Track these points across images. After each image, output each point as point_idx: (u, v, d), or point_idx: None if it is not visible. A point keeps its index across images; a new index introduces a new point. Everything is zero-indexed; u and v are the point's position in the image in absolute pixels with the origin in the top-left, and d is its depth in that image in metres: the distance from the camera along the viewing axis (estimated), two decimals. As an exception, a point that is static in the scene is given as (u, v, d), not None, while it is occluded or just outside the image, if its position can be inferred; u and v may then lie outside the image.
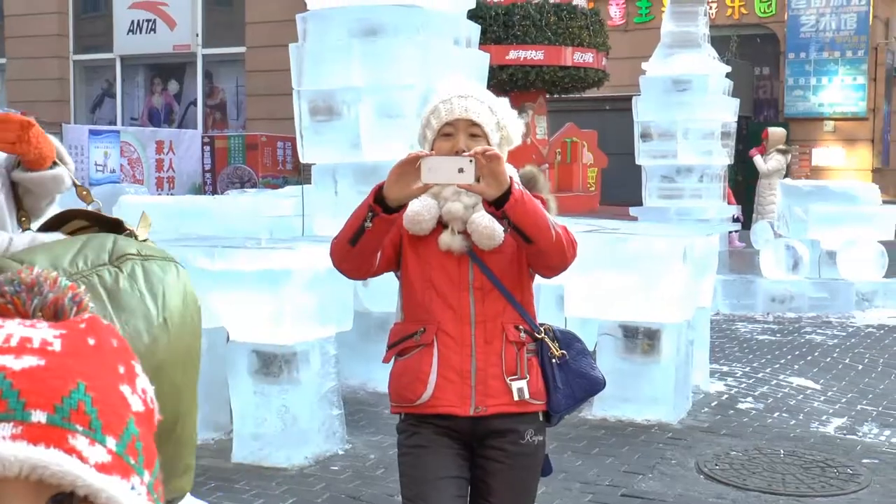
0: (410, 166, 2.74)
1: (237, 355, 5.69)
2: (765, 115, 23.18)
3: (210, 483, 5.29)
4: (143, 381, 1.00)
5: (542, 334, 3.04)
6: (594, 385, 3.10)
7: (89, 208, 2.69)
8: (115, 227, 2.36)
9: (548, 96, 17.21)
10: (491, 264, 2.97)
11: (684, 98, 12.35)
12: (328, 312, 5.72)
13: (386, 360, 3.13)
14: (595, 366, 3.14)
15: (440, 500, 2.92)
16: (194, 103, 22.82)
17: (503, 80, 15.23)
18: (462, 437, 2.98)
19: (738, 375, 8.03)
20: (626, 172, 16.11)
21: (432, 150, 2.93)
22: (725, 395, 7.34)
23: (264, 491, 5.17)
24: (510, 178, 2.78)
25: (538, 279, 3.14)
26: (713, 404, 7.06)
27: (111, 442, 0.91)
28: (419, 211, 2.94)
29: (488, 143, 2.91)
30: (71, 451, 0.88)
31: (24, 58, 22.79)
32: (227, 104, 22.81)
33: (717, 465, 5.65)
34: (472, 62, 6.89)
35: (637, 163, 12.86)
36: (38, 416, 0.88)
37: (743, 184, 19.03)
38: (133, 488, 0.91)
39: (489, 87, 3.62)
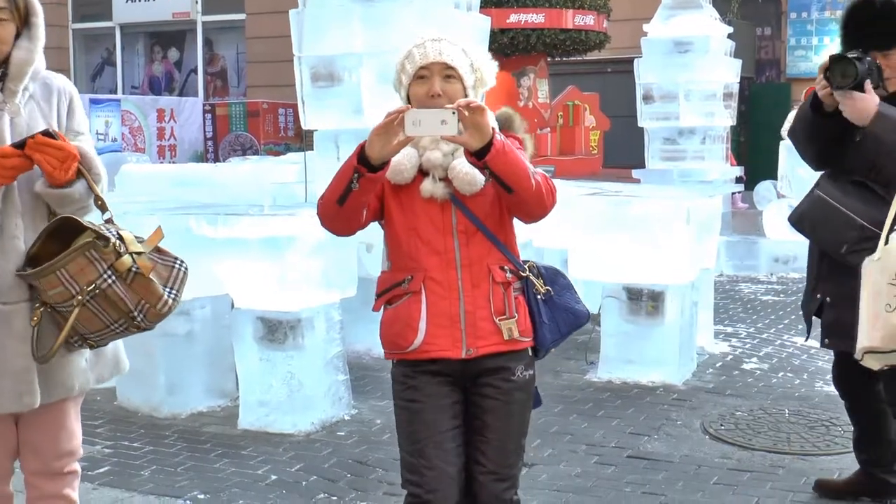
0: (392, 125, 2.76)
1: (242, 322, 5.70)
2: (767, 75, 23.06)
3: (217, 450, 5.32)
4: None
5: (527, 272, 3.09)
6: (578, 318, 3.19)
7: (103, 217, 3.01)
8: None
9: (549, 59, 17.08)
10: (473, 208, 3.01)
11: (686, 59, 12.25)
12: (332, 278, 5.73)
13: (375, 309, 3.17)
14: (579, 299, 3.21)
15: (438, 456, 3.00)
16: (195, 71, 22.74)
17: (504, 44, 15.11)
18: (454, 379, 3.05)
19: (742, 336, 8.05)
20: (629, 135, 16.06)
21: (408, 94, 2.96)
22: (730, 356, 7.36)
23: (271, 457, 5.20)
24: (492, 129, 2.80)
25: (541, 241, 3.15)
26: (718, 365, 7.08)
27: None
28: (400, 160, 2.97)
29: (462, 86, 2.94)
30: None
31: (23, 27, 22.64)
32: (228, 71, 22.72)
33: (722, 425, 5.67)
34: (472, 26, 6.83)
35: (639, 125, 12.79)
36: None
37: (745, 144, 18.97)
38: None
39: (490, 51, 3.60)
